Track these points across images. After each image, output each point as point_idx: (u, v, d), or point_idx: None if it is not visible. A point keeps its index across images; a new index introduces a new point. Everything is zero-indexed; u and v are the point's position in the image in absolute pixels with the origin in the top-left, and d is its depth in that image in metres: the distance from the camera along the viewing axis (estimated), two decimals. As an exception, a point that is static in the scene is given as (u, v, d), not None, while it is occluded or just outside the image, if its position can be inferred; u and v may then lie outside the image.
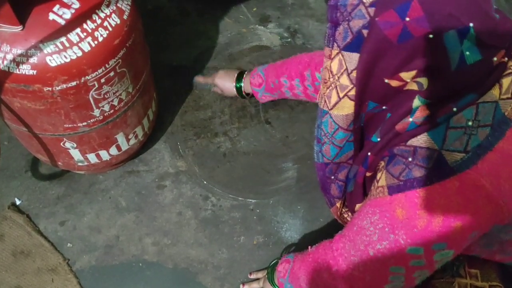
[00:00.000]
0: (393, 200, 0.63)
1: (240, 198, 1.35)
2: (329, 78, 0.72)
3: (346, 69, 0.68)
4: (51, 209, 1.30)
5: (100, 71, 0.92)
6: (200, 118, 1.51)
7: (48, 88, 0.88)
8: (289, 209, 1.35)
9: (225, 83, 1.37)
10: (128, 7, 0.95)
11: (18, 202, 1.30)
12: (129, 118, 1.15)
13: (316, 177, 0.95)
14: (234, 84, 1.34)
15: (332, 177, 0.88)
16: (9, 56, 0.83)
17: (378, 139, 0.72)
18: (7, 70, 0.84)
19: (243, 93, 1.34)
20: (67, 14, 0.86)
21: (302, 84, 1.17)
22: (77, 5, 0.87)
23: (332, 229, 1.28)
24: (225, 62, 1.63)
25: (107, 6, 0.90)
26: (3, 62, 0.84)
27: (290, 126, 1.51)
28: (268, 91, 1.24)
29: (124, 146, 1.23)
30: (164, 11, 1.74)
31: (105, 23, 0.90)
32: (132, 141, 1.25)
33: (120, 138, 1.18)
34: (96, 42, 0.88)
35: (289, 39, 1.70)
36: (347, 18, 0.64)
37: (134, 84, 1.07)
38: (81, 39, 0.87)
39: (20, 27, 0.83)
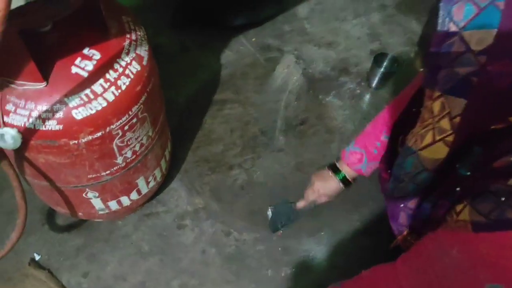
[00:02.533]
0: (479, 238, 0.61)
1: (263, 231, 1.34)
2: (428, 118, 0.70)
3: (449, 113, 0.66)
4: (72, 261, 1.27)
5: (124, 119, 0.91)
6: (213, 152, 1.50)
7: (74, 142, 0.87)
8: (312, 236, 1.33)
9: (328, 185, 1.19)
10: (147, 53, 0.95)
11: (37, 258, 1.27)
12: (149, 161, 1.13)
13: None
14: (337, 179, 1.18)
15: (402, 205, 0.86)
16: (34, 114, 0.82)
17: (468, 173, 0.70)
18: (32, 127, 0.83)
19: (350, 181, 1.18)
20: (89, 65, 0.85)
21: None
22: (98, 55, 0.86)
23: (361, 254, 1.28)
24: (231, 94, 1.63)
25: (127, 54, 0.90)
26: (28, 120, 0.82)
27: (303, 151, 1.51)
28: (371, 160, 1.16)
29: (144, 190, 1.21)
30: (164, 48, 1.75)
31: (127, 71, 0.89)
32: (151, 184, 1.23)
33: (141, 182, 1.16)
34: (119, 90, 0.88)
35: (292, 67, 1.72)
36: (451, 64, 0.62)
37: (153, 127, 1.06)
38: (105, 90, 0.86)
39: (44, 83, 0.82)
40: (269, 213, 1.34)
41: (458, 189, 0.71)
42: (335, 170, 1.17)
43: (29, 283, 1.21)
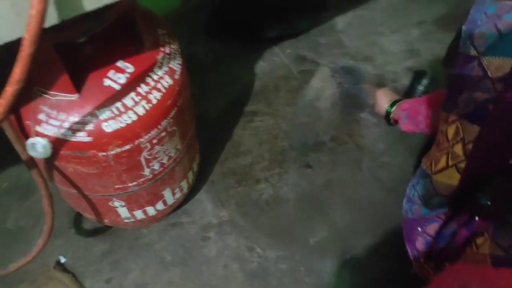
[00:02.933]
0: (498, 273, 0.59)
1: (286, 249, 1.31)
2: (443, 142, 0.69)
3: (463, 138, 0.65)
4: (96, 267, 1.28)
5: (153, 132, 0.91)
6: (241, 164, 1.48)
7: (103, 153, 0.87)
8: (337, 258, 1.30)
9: (382, 101, 1.31)
10: (179, 67, 0.94)
11: (63, 260, 1.28)
12: (176, 173, 1.13)
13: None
14: (387, 105, 1.28)
15: (420, 229, 0.83)
16: (66, 125, 0.83)
17: (489, 203, 0.68)
18: (63, 138, 0.83)
19: (391, 119, 1.28)
20: (122, 78, 0.85)
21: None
22: (131, 69, 0.86)
23: (385, 278, 1.23)
24: (262, 106, 1.61)
25: (160, 67, 0.90)
26: (59, 131, 0.83)
27: (332, 169, 1.47)
28: (409, 117, 1.18)
29: (170, 201, 1.21)
30: (198, 57, 1.75)
31: (159, 85, 0.89)
32: (178, 195, 1.23)
33: (167, 193, 1.16)
34: (150, 104, 0.87)
35: (326, 80, 1.69)
36: (471, 89, 0.61)
37: (182, 141, 1.05)
38: (136, 103, 0.86)
39: (76, 95, 0.82)
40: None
41: (477, 218, 0.69)
42: (393, 102, 1.25)
43: (53, 286, 1.22)
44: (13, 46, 0.53)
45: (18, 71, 0.53)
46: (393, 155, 1.49)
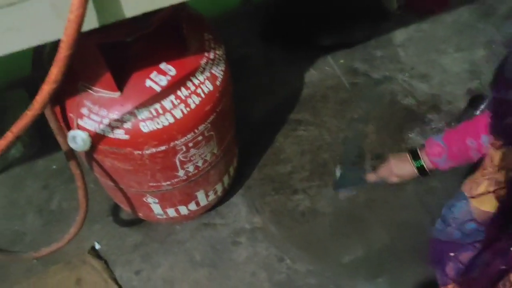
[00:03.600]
0: None
1: (317, 264, 1.28)
2: (488, 167, 0.65)
3: (507, 165, 0.62)
4: (128, 257, 1.31)
5: (189, 136, 0.91)
6: (280, 172, 1.46)
7: (138, 152, 0.89)
8: (369, 281, 1.25)
9: (404, 168, 1.17)
10: (222, 73, 0.94)
11: (97, 247, 1.33)
12: (211, 176, 1.13)
13: (428, 251, 0.87)
14: (413, 165, 1.15)
15: (452, 255, 0.79)
16: (105, 121, 0.85)
17: None
18: (102, 133, 0.86)
19: (427, 171, 1.14)
20: (163, 81, 0.86)
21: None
22: (173, 72, 0.87)
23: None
24: (308, 115, 1.58)
25: (202, 72, 0.90)
26: (99, 126, 0.85)
27: (374, 188, 1.41)
28: (451, 158, 1.12)
29: (203, 202, 1.22)
30: (250, 60, 1.74)
31: (199, 90, 0.89)
32: (211, 197, 1.23)
33: (200, 195, 1.17)
34: (188, 109, 0.88)
35: (376, 95, 1.63)
36: None
37: (219, 146, 1.05)
38: (174, 106, 0.86)
39: (118, 93, 0.84)
40: (337, 172, 1.33)
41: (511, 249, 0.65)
42: (415, 156, 1.12)
43: (85, 270, 1.27)
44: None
45: (54, 72, 0.54)
46: (442, 180, 1.40)
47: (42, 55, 0.85)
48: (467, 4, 1.86)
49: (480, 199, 0.67)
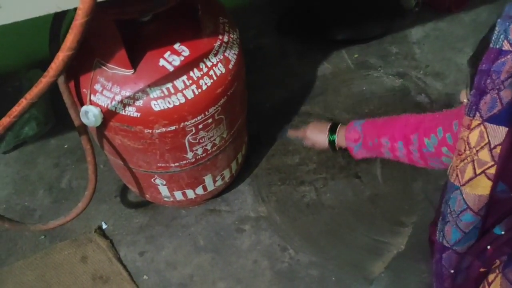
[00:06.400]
0: None
1: (320, 255, 1.28)
2: (464, 151, 0.65)
3: (488, 143, 0.62)
4: (133, 238, 1.33)
5: (199, 117, 0.92)
6: (287, 163, 1.47)
7: (148, 130, 0.90)
8: (371, 276, 1.25)
9: (317, 136, 1.27)
10: (235, 57, 0.95)
11: (104, 226, 1.35)
12: (219, 161, 1.14)
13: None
14: (327, 137, 1.25)
15: (452, 271, 0.78)
16: (118, 98, 0.86)
17: (502, 232, 0.64)
18: (114, 110, 0.87)
19: (336, 147, 1.26)
20: (177, 61, 0.87)
21: (406, 147, 1.08)
22: (187, 52, 0.88)
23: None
24: (318, 108, 1.58)
25: (215, 55, 0.91)
26: (111, 102, 0.87)
27: (381, 183, 1.41)
28: (365, 148, 1.15)
29: (210, 187, 1.23)
30: (264, 50, 1.75)
31: (211, 72, 0.90)
32: (219, 183, 1.24)
33: (208, 179, 1.18)
34: (199, 90, 0.89)
35: (389, 91, 1.62)
36: (497, 87, 0.58)
37: (228, 130, 1.06)
38: (186, 87, 0.87)
39: (131, 71, 0.85)
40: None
41: (489, 247, 0.67)
42: (333, 129, 1.21)
43: (91, 248, 1.29)
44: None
45: (70, 38, 0.55)
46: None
47: (59, 36, 0.87)
48: (487, 3, 1.84)
49: (471, 184, 0.66)
